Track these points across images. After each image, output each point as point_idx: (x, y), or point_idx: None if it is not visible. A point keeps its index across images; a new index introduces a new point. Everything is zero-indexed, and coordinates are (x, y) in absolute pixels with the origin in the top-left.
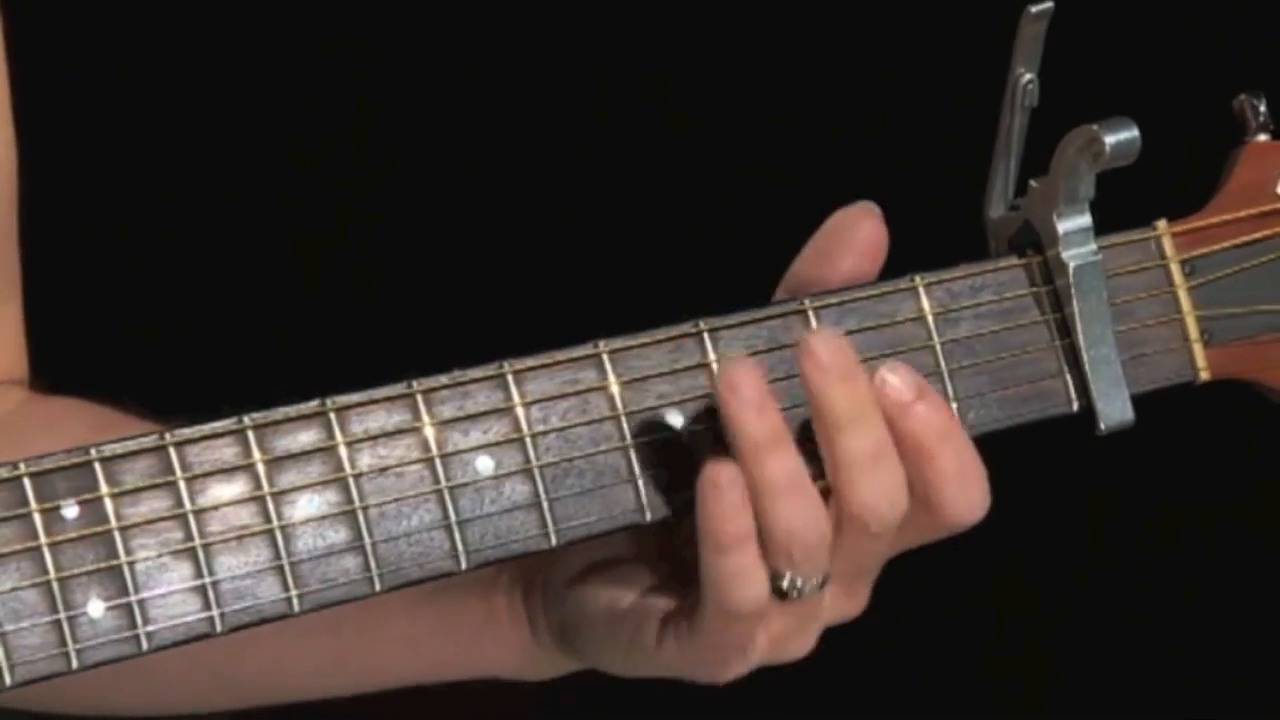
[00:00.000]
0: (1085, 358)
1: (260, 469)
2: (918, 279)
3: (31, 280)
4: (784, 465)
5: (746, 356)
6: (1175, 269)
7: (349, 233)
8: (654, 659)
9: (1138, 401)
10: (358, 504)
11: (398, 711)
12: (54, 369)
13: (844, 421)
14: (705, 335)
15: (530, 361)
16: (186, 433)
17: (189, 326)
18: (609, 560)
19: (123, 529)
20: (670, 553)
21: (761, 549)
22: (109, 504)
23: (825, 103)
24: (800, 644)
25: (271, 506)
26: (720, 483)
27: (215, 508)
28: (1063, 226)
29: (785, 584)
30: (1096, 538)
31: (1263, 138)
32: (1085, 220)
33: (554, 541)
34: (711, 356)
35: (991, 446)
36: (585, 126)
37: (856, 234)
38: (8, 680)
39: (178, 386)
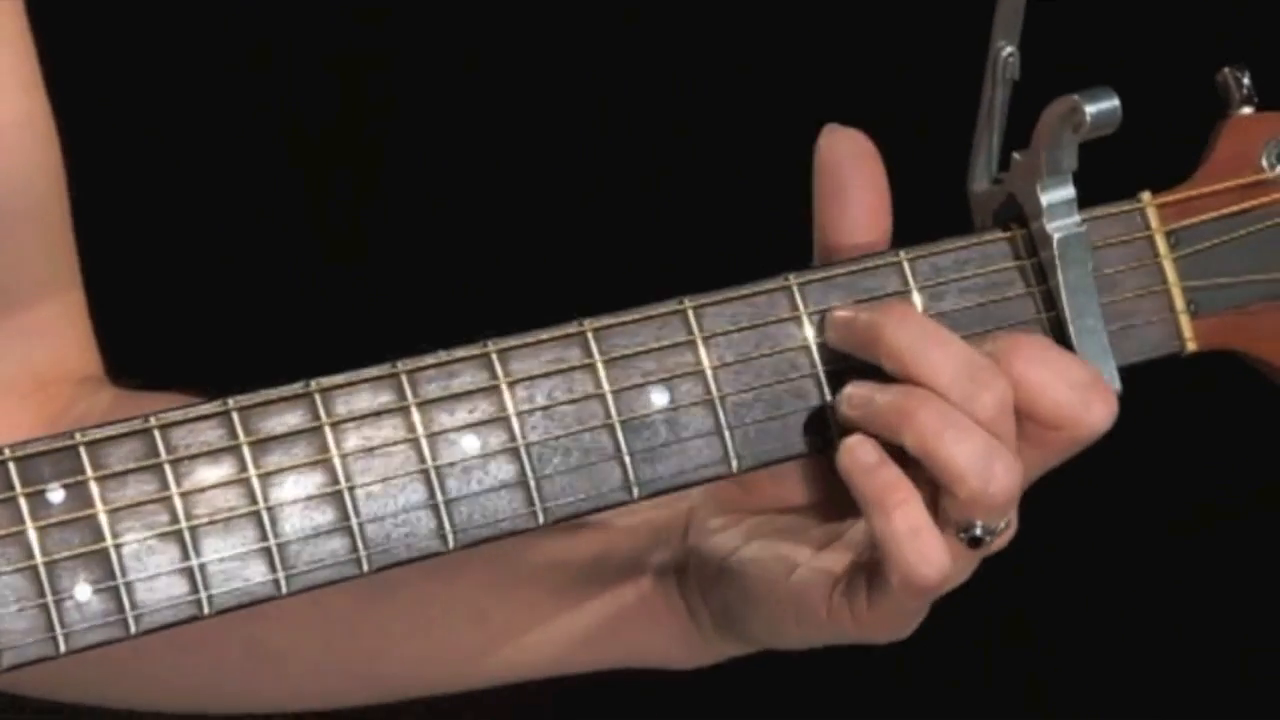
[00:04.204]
0: (1071, 329)
1: (245, 451)
2: (902, 253)
3: None
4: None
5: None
6: (1160, 240)
7: (332, 216)
8: (826, 629)
9: (1125, 373)
10: (344, 485)
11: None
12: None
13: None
14: (690, 313)
15: (515, 340)
16: (171, 415)
17: (172, 311)
18: (762, 536)
19: (109, 512)
20: (822, 519)
21: (948, 504)
22: (94, 487)
23: (806, 80)
24: (962, 579)
25: (257, 488)
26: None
27: (201, 490)
28: (1046, 198)
29: (979, 531)
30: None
31: (1246, 110)
32: (1069, 192)
33: (541, 520)
34: (697, 333)
35: None
36: (567, 108)
37: (843, 161)
38: None
39: (161, 370)
